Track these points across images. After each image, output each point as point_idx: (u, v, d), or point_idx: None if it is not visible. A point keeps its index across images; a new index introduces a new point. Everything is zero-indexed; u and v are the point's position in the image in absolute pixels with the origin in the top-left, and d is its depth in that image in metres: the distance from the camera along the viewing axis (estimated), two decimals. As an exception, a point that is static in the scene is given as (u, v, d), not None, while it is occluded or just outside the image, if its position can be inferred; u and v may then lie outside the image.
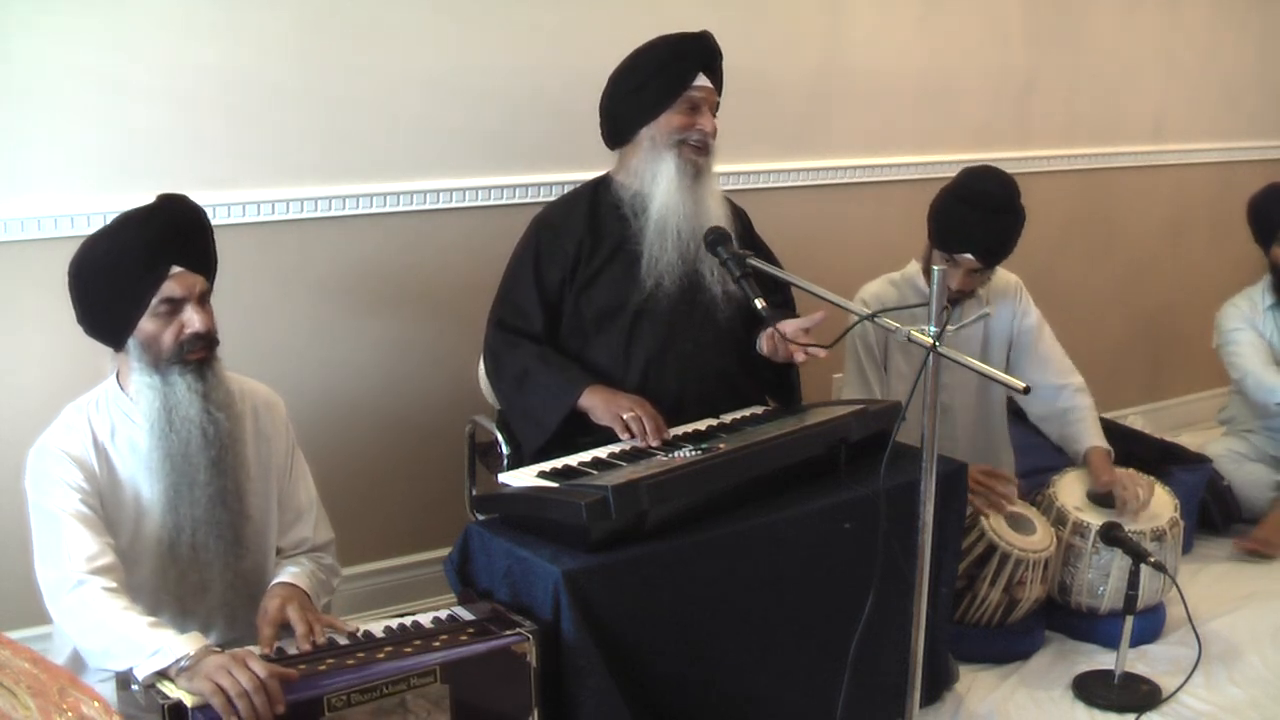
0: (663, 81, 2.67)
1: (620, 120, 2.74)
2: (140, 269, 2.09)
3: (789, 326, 2.62)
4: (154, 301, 2.10)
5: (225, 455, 2.18)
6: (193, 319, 2.12)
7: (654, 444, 2.49)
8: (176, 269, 2.12)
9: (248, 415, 2.29)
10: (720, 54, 2.73)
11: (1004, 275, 3.34)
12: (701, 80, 2.68)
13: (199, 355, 2.15)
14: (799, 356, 2.64)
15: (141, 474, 2.16)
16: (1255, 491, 3.89)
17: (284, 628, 2.13)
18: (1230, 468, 3.90)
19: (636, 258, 2.70)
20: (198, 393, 2.14)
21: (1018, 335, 3.33)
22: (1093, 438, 3.27)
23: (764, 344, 2.73)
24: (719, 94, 2.76)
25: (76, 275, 2.13)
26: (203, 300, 2.16)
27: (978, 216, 3.04)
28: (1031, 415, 3.42)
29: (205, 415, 2.15)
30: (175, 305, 2.12)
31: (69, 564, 2.01)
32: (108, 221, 2.18)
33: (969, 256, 3.06)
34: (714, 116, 2.73)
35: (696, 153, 2.69)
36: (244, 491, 2.23)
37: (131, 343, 2.12)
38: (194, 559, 2.18)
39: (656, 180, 2.69)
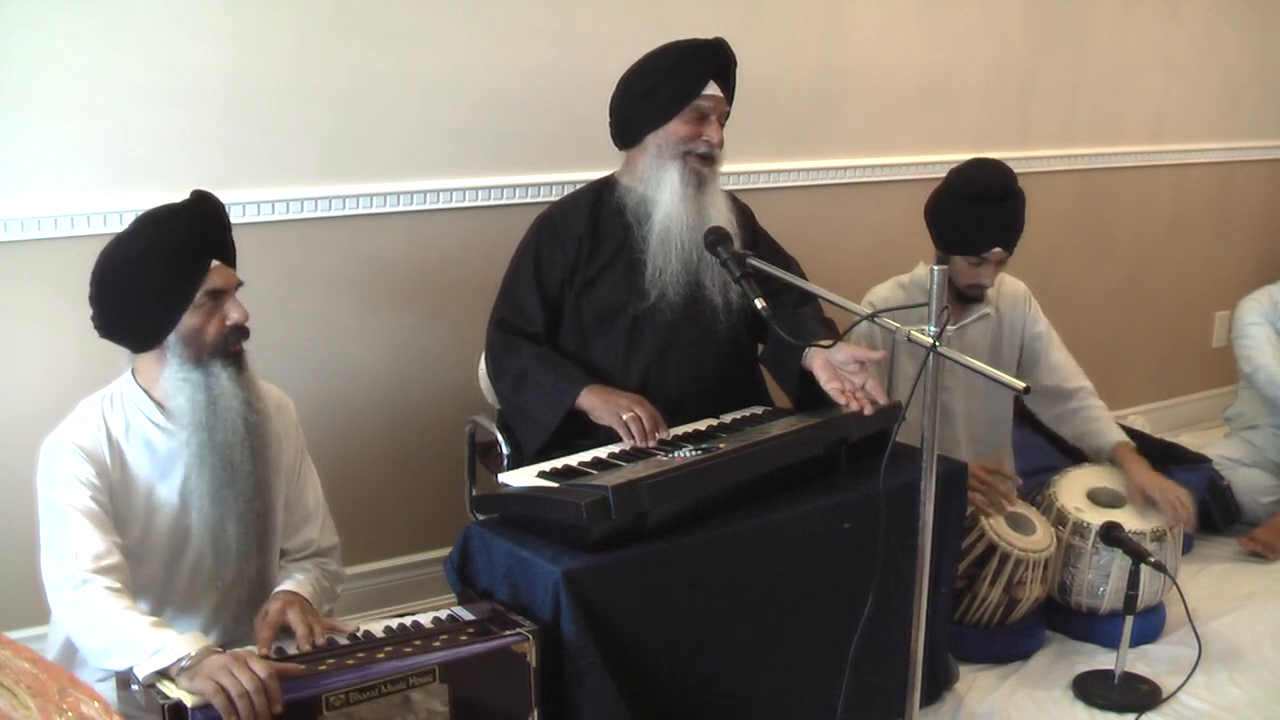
0: (672, 88, 2.65)
1: (628, 123, 2.73)
2: (185, 263, 2.11)
3: (841, 354, 2.53)
4: (198, 295, 2.11)
5: (263, 447, 2.21)
6: (233, 311, 2.16)
7: (653, 444, 2.49)
8: (215, 262, 2.14)
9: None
10: (734, 61, 2.72)
11: (1012, 283, 3.35)
12: (712, 89, 2.66)
13: (238, 347, 2.18)
14: (861, 408, 2.49)
15: (155, 471, 2.16)
16: (1247, 497, 3.88)
17: (284, 631, 2.13)
18: (1224, 475, 3.89)
19: (637, 262, 2.69)
20: (238, 383, 2.17)
21: (1028, 342, 3.34)
22: (1115, 433, 3.30)
23: (819, 370, 2.59)
24: (730, 102, 2.74)
25: (108, 279, 2.12)
26: (236, 292, 2.19)
27: (993, 209, 3.06)
28: (1043, 418, 3.43)
29: (246, 406, 2.18)
30: (217, 298, 2.14)
31: (74, 562, 2.00)
32: (130, 223, 2.18)
33: (999, 250, 3.07)
34: (722, 126, 2.70)
35: (702, 163, 2.68)
36: (272, 485, 2.26)
37: (171, 339, 2.12)
38: (230, 551, 2.19)
39: (661, 188, 2.68)
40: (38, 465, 2.13)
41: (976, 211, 3.06)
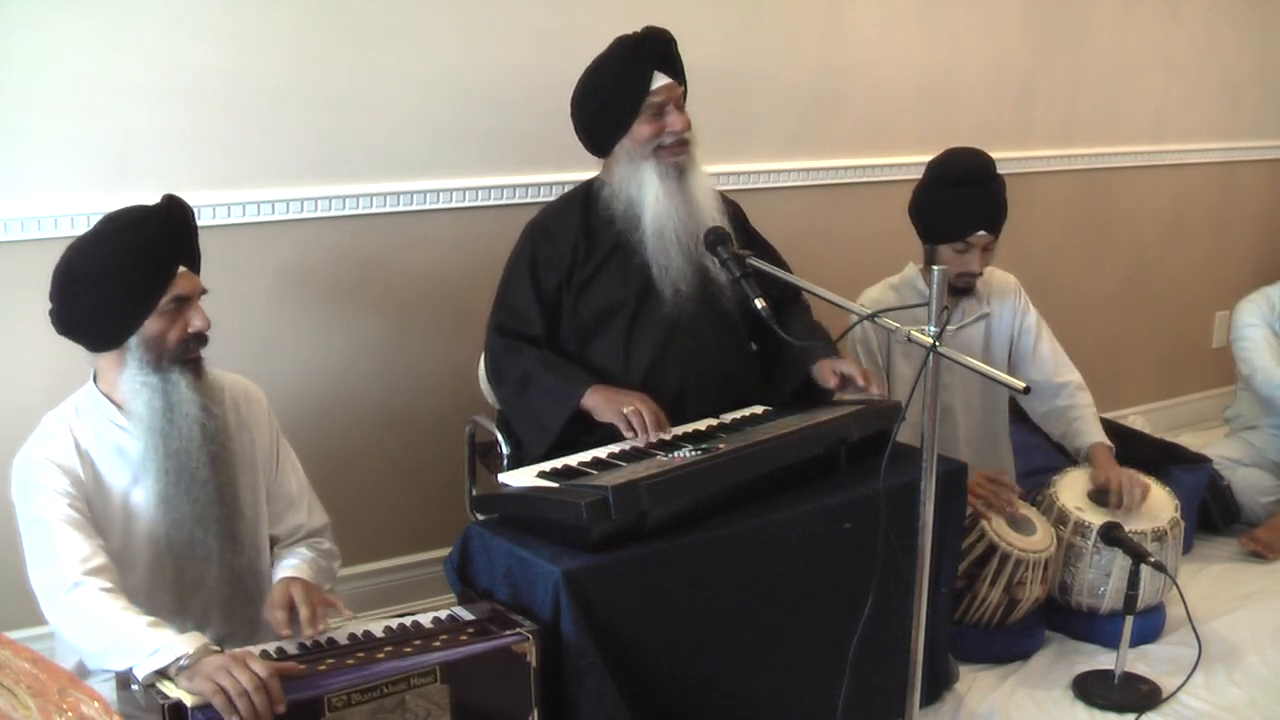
0: (621, 96, 2.65)
1: (595, 139, 2.74)
2: (154, 267, 2.11)
3: (843, 366, 2.71)
4: (164, 301, 2.11)
5: (222, 451, 2.20)
6: (197, 318, 2.15)
7: (655, 439, 2.50)
8: (182, 268, 2.15)
9: (229, 409, 2.30)
10: (670, 42, 2.69)
11: (1003, 276, 3.35)
12: (659, 80, 2.65)
13: (195, 354, 2.18)
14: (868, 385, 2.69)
15: (129, 477, 2.16)
16: (1247, 497, 3.88)
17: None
18: (1224, 475, 3.89)
19: (634, 261, 2.69)
20: (196, 390, 2.16)
21: (1018, 335, 3.33)
22: (1094, 434, 3.28)
23: (829, 378, 2.72)
24: (683, 83, 2.72)
25: (75, 275, 2.12)
26: (199, 300, 2.19)
27: (975, 192, 3.08)
28: (1033, 415, 3.43)
29: (204, 412, 2.17)
30: (182, 304, 2.14)
31: (64, 567, 2.01)
32: (98, 222, 2.17)
33: (983, 234, 3.07)
34: (683, 110, 2.69)
35: (675, 153, 2.68)
36: (238, 487, 2.25)
37: (133, 342, 2.12)
38: (192, 555, 2.19)
39: (643, 190, 2.68)
40: (11, 483, 2.14)
41: (956, 197, 3.08)
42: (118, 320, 2.12)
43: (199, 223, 2.25)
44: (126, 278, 2.09)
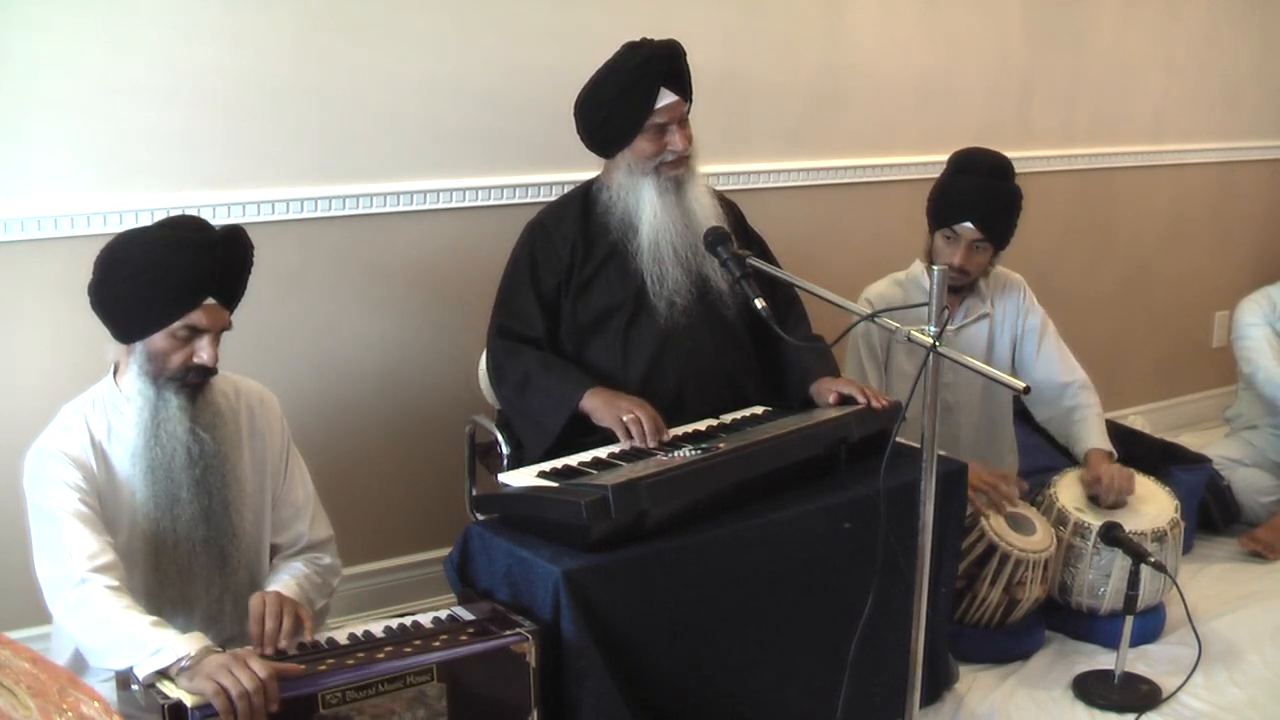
0: (625, 113, 2.64)
1: (597, 145, 2.74)
2: (180, 291, 2.10)
3: (842, 386, 2.73)
4: (177, 324, 2.11)
5: (210, 475, 2.18)
6: (204, 352, 2.14)
7: (653, 445, 2.49)
8: (210, 301, 2.14)
9: (242, 413, 2.30)
10: (679, 55, 2.68)
11: (1007, 274, 3.35)
12: (664, 99, 2.64)
13: (196, 381, 2.17)
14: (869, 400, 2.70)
15: (137, 473, 2.16)
16: (1247, 497, 3.88)
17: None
18: (1224, 475, 3.89)
19: (632, 264, 2.70)
20: (186, 413, 2.16)
21: (1022, 334, 3.33)
22: (1093, 439, 3.26)
23: (828, 398, 2.73)
24: (688, 98, 2.71)
25: (110, 263, 2.12)
26: (219, 335, 2.17)
27: (973, 182, 3.08)
28: (1038, 416, 3.43)
29: (191, 435, 2.16)
30: (195, 334, 2.13)
31: (71, 562, 2.01)
32: (158, 222, 2.18)
33: (968, 225, 3.07)
34: (686, 126, 2.69)
35: (674, 168, 2.69)
36: (233, 510, 2.23)
37: (139, 347, 2.13)
38: (177, 569, 2.18)
39: (641, 204, 2.69)
40: (24, 473, 2.14)
41: (957, 183, 3.11)
42: (129, 321, 2.12)
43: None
44: (150, 289, 2.09)
